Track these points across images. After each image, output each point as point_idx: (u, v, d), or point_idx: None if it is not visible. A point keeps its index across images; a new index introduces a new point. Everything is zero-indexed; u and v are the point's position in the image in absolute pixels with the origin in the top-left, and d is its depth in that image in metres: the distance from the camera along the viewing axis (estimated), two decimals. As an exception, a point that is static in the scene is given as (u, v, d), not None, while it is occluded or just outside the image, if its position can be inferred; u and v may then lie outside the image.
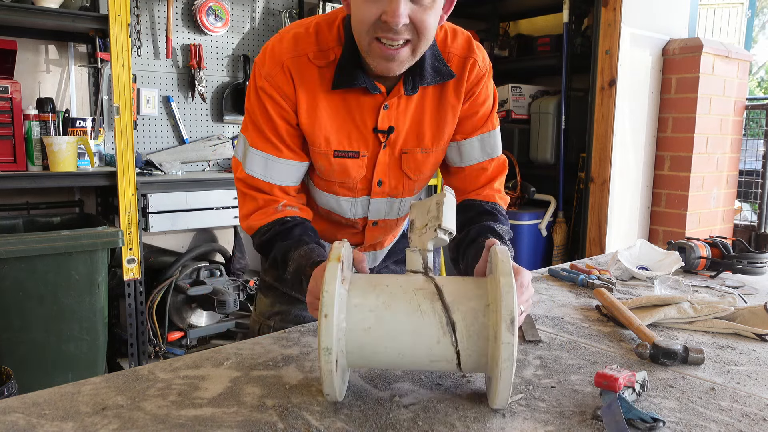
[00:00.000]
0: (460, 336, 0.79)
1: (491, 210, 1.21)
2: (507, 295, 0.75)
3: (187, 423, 0.77)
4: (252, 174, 1.18)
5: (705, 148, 3.42)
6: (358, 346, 0.81)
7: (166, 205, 2.81)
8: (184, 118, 3.35)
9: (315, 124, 1.15)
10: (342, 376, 0.82)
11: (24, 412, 0.80)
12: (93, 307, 2.32)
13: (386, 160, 1.21)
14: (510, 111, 3.91)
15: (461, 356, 0.80)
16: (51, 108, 2.65)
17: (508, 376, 0.75)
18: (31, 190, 2.79)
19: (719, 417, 0.82)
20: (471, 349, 0.80)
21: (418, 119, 1.19)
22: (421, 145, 1.21)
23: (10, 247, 2.10)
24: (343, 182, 1.22)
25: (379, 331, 0.80)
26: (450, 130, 1.22)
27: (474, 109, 1.22)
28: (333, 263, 0.79)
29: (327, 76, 1.13)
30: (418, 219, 0.90)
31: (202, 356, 1.00)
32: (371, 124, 1.17)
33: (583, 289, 1.47)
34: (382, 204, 1.28)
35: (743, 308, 1.23)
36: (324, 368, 0.77)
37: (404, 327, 0.80)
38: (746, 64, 3.64)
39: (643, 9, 3.28)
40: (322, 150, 1.17)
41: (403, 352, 0.81)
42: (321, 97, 1.14)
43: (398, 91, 1.14)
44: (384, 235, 1.38)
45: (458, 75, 1.18)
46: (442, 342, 0.80)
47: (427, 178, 1.29)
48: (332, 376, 0.77)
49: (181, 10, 3.27)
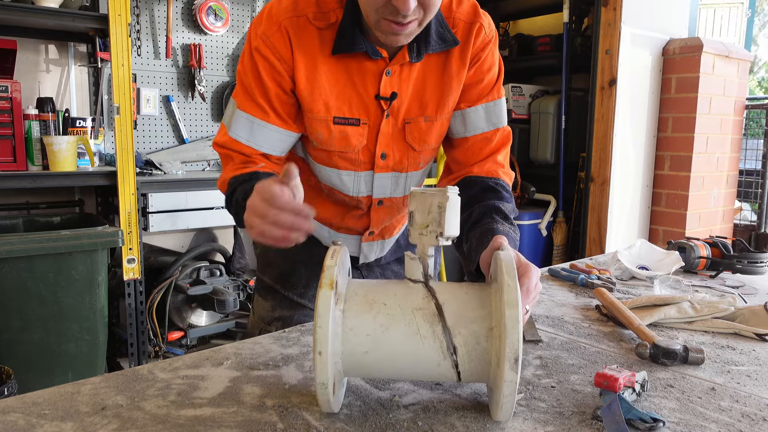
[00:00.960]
0: (461, 360, 0.77)
1: (495, 186, 1.14)
2: (512, 331, 0.71)
3: (186, 423, 0.77)
4: (236, 137, 1.12)
5: (705, 147, 3.42)
6: (355, 367, 0.80)
7: (166, 204, 2.81)
8: (184, 117, 3.35)
9: (314, 88, 1.10)
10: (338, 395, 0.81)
11: (24, 411, 0.79)
12: (93, 307, 2.32)
13: (389, 131, 1.16)
14: (510, 110, 3.91)
15: (462, 376, 0.78)
16: (51, 108, 2.65)
17: (509, 408, 0.74)
18: (31, 189, 2.79)
19: (719, 417, 0.82)
20: (472, 371, 0.78)
21: (421, 87, 1.15)
22: (425, 113, 1.16)
23: (10, 247, 2.10)
24: (344, 152, 1.16)
25: (377, 354, 0.78)
26: (454, 98, 1.17)
27: (479, 76, 1.18)
28: (326, 291, 0.74)
29: (327, 39, 1.08)
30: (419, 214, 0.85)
31: (201, 356, 1.00)
32: (373, 90, 1.12)
33: (583, 289, 1.47)
34: (387, 180, 1.22)
35: (743, 308, 1.22)
36: (321, 400, 0.76)
37: (403, 350, 0.77)
38: (746, 64, 3.64)
39: (643, 9, 3.28)
40: (321, 116, 1.12)
41: (401, 373, 0.80)
42: (320, 61, 1.09)
43: (402, 57, 1.10)
44: (391, 218, 1.31)
45: (463, 41, 1.14)
46: (442, 365, 0.78)
47: (433, 150, 1.24)
48: (329, 405, 0.77)
49: (181, 10, 3.27)
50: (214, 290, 2.94)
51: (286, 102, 1.12)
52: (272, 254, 1.36)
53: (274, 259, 1.35)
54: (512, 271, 0.76)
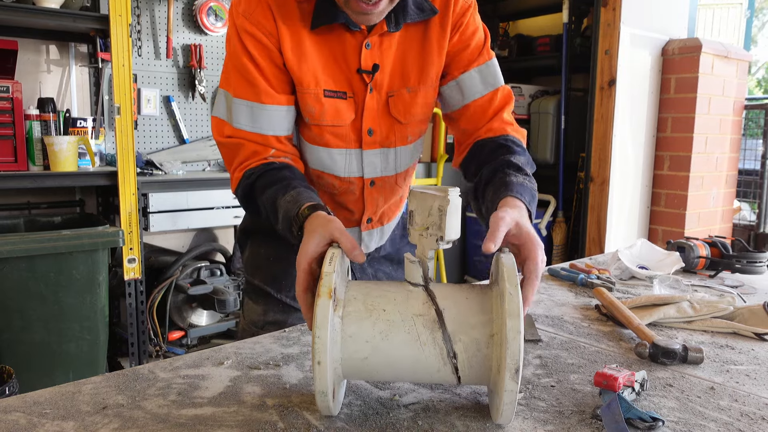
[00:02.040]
0: (462, 366, 0.77)
1: (504, 143, 1.12)
2: (513, 342, 0.71)
3: (187, 422, 0.77)
4: (240, 127, 1.09)
5: (704, 147, 3.43)
6: (354, 372, 0.80)
7: (167, 204, 2.81)
8: (185, 117, 3.35)
9: (302, 60, 1.08)
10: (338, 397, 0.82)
11: (25, 411, 0.80)
12: (94, 307, 2.32)
13: (374, 106, 1.15)
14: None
15: (462, 380, 0.79)
16: (52, 108, 2.66)
17: (510, 414, 0.75)
18: (32, 189, 2.80)
19: (718, 416, 0.82)
20: (472, 376, 0.78)
21: (402, 57, 1.14)
22: (407, 84, 1.15)
23: (11, 247, 2.10)
24: (336, 126, 1.15)
25: (377, 360, 0.78)
26: (437, 68, 1.17)
27: (465, 42, 1.17)
28: (324, 300, 0.74)
29: (307, 14, 1.07)
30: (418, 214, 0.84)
31: (202, 355, 1.00)
32: (355, 65, 1.11)
33: (583, 289, 1.48)
34: (376, 157, 1.20)
35: (742, 307, 1.23)
36: (321, 406, 0.77)
37: (403, 356, 0.78)
38: (745, 64, 3.64)
39: (643, 9, 3.28)
40: (312, 90, 1.10)
41: (401, 377, 0.81)
42: (304, 35, 1.07)
43: (381, 28, 1.09)
44: (386, 200, 1.28)
45: (442, 10, 1.14)
46: (442, 371, 0.78)
47: (419, 123, 1.22)
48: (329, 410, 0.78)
49: (181, 10, 3.28)
50: (215, 290, 2.95)
51: (281, 78, 1.10)
52: (262, 256, 1.32)
53: (264, 262, 1.31)
54: (513, 278, 0.75)
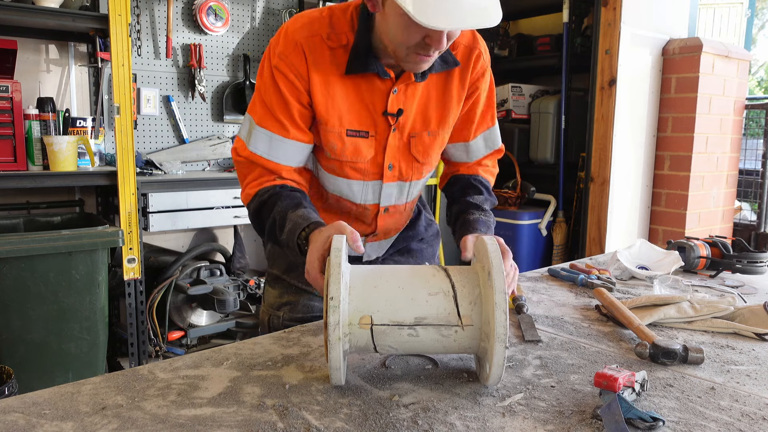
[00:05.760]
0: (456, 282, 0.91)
1: (474, 183, 1.35)
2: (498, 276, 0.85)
3: (186, 423, 0.77)
4: (256, 152, 1.20)
5: (705, 147, 3.42)
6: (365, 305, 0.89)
7: (167, 204, 2.81)
8: (185, 117, 3.35)
9: (329, 102, 1.19)
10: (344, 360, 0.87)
11: (24, 411, 0.80)
12: (93, 307, 2.32)
13: (396, 144, 1.26)
14: (510, 111, 3.91)
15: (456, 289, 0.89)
16: (51, 107, 2.66)
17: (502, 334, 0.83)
18: (32, 189, 2.80)
19: (719, 416, 0.82)
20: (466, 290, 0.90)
21: (425, 104, 1.26)
22: (428, 128, 1.28)
23: (10, 247, 2.10)
24: (355, 162, 1.26)
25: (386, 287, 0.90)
26: (454, 115, 1.30)
27: (475, 108, 1.32)
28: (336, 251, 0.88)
29: (339, 58, 1.18)
30: None
31: (202, 356, 1.00)
32: (381, 107, 1.22)
33: (583, 289, 1.47)
34: (393, 188, 1.33)
35: (743, 308, 1.23)
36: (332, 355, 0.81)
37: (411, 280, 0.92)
38: (746, 64, 3.64)
39: (643, 9, 3.28)
40: (336, 129, 1.21)
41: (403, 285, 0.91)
42: (333, 78, 1.19)
43: (408, 77, 1.20)
44: (395, 223, 1.42)
45: (463, 64, 1.26)
46: (437, 276, 0.92)
47: (434, 161, 1.35)
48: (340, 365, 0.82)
49: (181, 10, 3.27)
50: (215, 290, 2.95)
51: (306, 115, 1.21)
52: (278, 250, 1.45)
53: (281, 254, 1.43)
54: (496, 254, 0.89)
